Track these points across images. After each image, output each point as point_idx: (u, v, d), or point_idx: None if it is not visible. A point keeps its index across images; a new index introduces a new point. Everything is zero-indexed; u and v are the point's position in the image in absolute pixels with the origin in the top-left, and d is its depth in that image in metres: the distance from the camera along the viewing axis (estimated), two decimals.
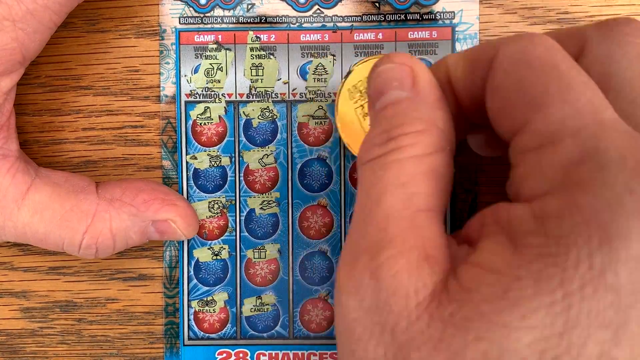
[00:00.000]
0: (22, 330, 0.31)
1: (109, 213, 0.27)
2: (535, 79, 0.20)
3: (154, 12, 0.29)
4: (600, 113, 0.19)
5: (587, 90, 0.19)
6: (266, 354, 0.30)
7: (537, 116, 0.20)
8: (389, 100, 0.23)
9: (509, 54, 0.21)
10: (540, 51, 0.20)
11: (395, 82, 0.23)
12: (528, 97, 0.20)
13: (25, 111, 0.30)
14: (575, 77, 0.20)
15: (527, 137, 0.20)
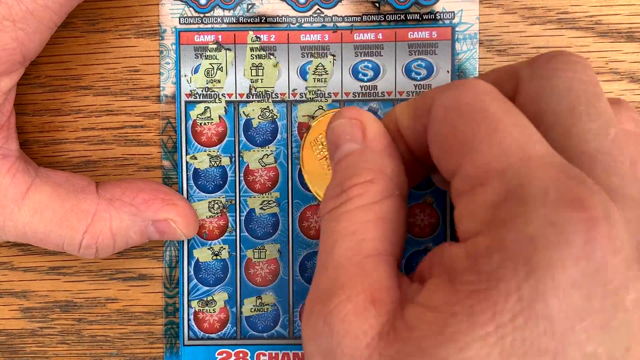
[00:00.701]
0: (22, 330, 0.31)
1: (109, 213, 0.27)
2: (465, 126, 0.21)
3: (154, 12, 0.29)
4: (527, 150, 0.20)
5: (514, 130, 0.20)
6: (266, 354, 0.30)
7: (467, 160, 0.21)
8: (343, 153, 0.25)
9: (442, 102, 0.22)
10: (470, 97, 0.21)
11: (347, 136, 0.25)
12: (459, 143, 0.21)
13: (25, 111, 0.30)
14: (502, 118, 0.21)
15: (459, 180, 0.21)
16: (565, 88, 0.22)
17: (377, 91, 0.29)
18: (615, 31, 0.29)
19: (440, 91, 0.23)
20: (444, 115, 0.22)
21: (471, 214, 0.20)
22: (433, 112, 0.22)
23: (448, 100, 0.22)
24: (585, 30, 0.29)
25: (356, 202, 0.23)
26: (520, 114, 0.21)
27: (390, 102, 0.29)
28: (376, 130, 0.25)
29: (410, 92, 0.29)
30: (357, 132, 0.25)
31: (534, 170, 0.19)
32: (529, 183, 0.19)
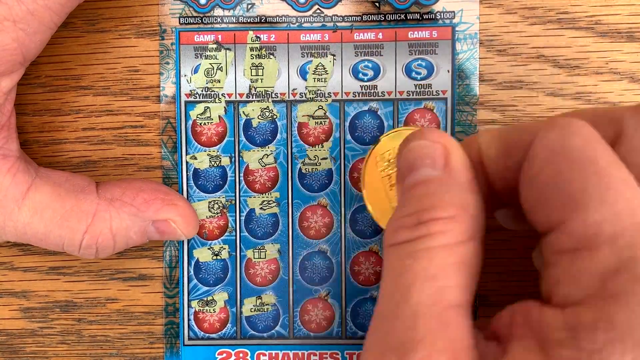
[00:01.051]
0: (22, 330, 0.31)
1: (109, 213, 0.27)
2: (573, 175, 0.19)
3: (154, 12, 0.29)
4: (637, 215, 0.19)
5: (626, 190, 0.19)
6: (266, 354, 0.30)
7: (574, 217, 0.19)
8: (420, 178, 0.22)
9: (546, 143, 0.20)
10: (578, 143, 0.20)
11: (428, 160, 0.22)
12: (565, 195, 0.19)
13: (25, 111, 0.30)
14: (614, 174, 0.19)
15: (562, 237, 0.19)
16: None
17: (377, 91, 0.29)
18: (615, 31, 0.29)
19: (542, 129, 0.21)
20: (548, 159, 0.20)
21: (575, 279, 0.19)
22: (534, 152, 0.21)
23: (554, 142, 0.20)
24: (585, 30, 0.29)
25: (438, 239, 0.21)
26: (625, 169, 0.20)
27: (390, 102, 0.29)
28: (461, 160, 0.22)
29: (410, 91, 0.29)
30: (439, 158, 0.22)
31: None
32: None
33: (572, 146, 0.20)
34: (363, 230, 0.30)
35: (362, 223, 0.30)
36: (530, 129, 0.21)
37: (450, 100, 0.29)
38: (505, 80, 0.29)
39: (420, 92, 0.29)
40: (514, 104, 0.29)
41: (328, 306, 0.30)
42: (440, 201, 0.21)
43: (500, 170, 0.22)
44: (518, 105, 0.29)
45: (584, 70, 0.29)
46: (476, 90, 0.29)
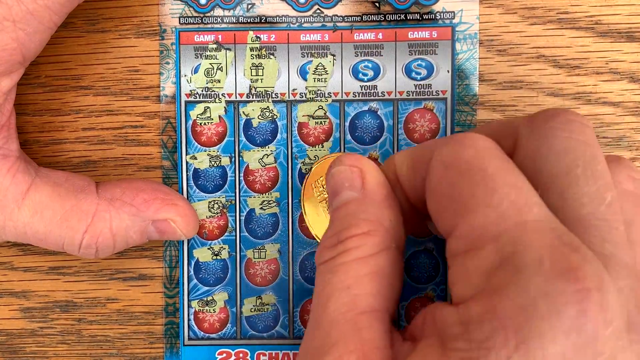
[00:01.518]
0: (22, 330, 0.31)
1: (109, 213, 0.27)
2: (464, 184, 0.21)
3: (154, 12, 0.29)
4: (523, 214, 0.20)
5: (511, 192, 0.20)
6: (266, 354, 0.30)
7: (463, 221, 0.21)
8: (341, 201, 0.24)
9: (440, 158, 0.22)
10: (469, 154, 0.21)
11: (347, 183, 0.25)
12: (456, 202, 0.21)
13: (25, 111, 0.30)
14: (501, 178, 0.21)
15: (454, 241, 0.21)
16: (563, 149, 0.22)
17: (377, 91, 0.29)
18: (615, 31, 0.29)
19: (440, 145, 0.23)
20: (442, 172, 0.22)
21: (465, 277, 0.21)
22: (431, 166, 0.22)
23: (447, 156, 0.22)
24: (585, 30, 0.29)
25: (352, 254, 0.23)
26: (519, 173, 0.21)
27: (390, 102, 0.29)
28: (376, 179, 0.25)
29: (410, 91, 0.29)
30: (356, 180, 0.25)
31: (529, 237, 0.19)
32: (523, 250, 0.19)
33: (463, 158, 0.22)
34: None
35: None
36: (431, 145, 0.23)
37: (450, 100, 0.29)
38: (505, 80, 0.29)
39: (420, 92, 0.29)
40: (514, 104, 0.29)
41: None
42: (356, 220, 0.24)
43: (412, 186, 0.24)
44: (518, 105, 0.29)
45: (584, 70, 0.29)
46: (476, 90, 0.29)
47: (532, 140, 0.22)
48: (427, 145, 0.24)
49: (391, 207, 0.24)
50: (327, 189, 0.26)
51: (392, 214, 0.24)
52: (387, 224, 0.24)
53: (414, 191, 0.24)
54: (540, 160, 0.22)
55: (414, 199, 0.25)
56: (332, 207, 0.25)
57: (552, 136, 0.22)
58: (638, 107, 0.29)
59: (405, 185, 0.25)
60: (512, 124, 0.24)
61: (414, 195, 0.24)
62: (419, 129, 0.30)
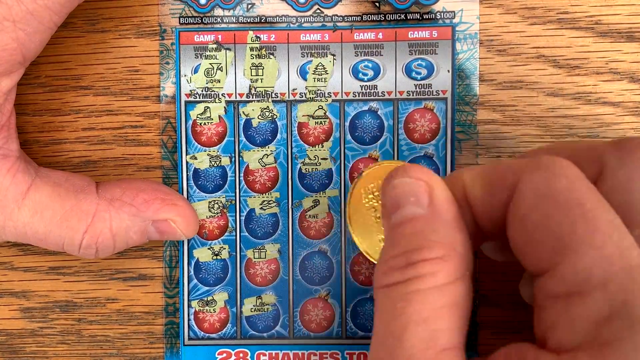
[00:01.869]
0: (22, 330, 0.31)
1: (109, 213, 0.27)
2: (561, 218, 0.20)
3: (154, 12, 0.29)
4: (628, 258, 0.19)
5: (614, 232, 0.19)
6: (266, 354, 0.30)
7: (564, 262, 0.19)
8: (406, 216, 0.22)
9: (531, 186, 0.21)
10: (564, 184, 0.20)
11: (412, 198, 0.23)
12: (554, 239, 0.20)
13: (25, 111, 0.30)
14: (601, 216, 0.19)
15: (554, 282, 0.20)
16: None
17: (377, 91, 0.29)
18: (615, 31, 0.29)
19: (527, 169, 0.21)
20: (535, 202, 0.20)
21: (569, 325, 0.19)
22: (520, 194, 0.21)
23: (539, 185, 0.20)
24: (585, 30, 0.29)
25: (428, 281, 0.21)
26: (611, 209, 0.20)
27: (390, 102, 0.29)
28: (444, 197, 0.23)
29: (410, 91, 0.29)
30: (423, 195, 0.23)
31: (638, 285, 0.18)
32: (634, 300, 0.18)
33: (558, 188, 0.20)
34: None
35: None
36: (513, 169, 0.22)
37: (450, 100, 0.29)
38: (505, 80, 0.29)
39: (420, 92, 0.29)
40: (514, 104, 0.29)
41: (328, 306, 0.30)
42: (427, 241, 0.22)
43: (486, 208, 0.23)
44: (518, 105, 0.29)
45: (584, 70, 0.29)
46: (476, 90, 0.29)
47: (621, 172, 0.21)
48: (507, 166, 0.22)
49: (462, 229, 0.22)
50: (385, 200, 0.24)
51: (464, 237, 0.22)
52: (460, 249, 0.22)
53: (486, 214, 0.23)
54: (631, 195, 0.21)
55: (485, 222, 0.23)
56: (393, 221, 0.23)
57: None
58: (638, 107, 0.29)
59: (476, 207, 0.23)
60: (595, 149, 0.22)
61: (486, 219, 0.23)
62: (419, 128, 0.30)
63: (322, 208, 0.30)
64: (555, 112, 0.29)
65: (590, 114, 0.29)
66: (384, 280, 0.22)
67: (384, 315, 0.22)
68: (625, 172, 0.21)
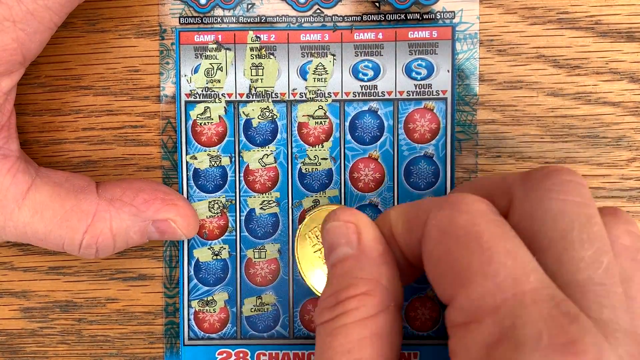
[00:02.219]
0: (22, 330, 0.31)
1: (109, 213, 0.27)
2: (460, 252, 0.21)
3: (154, 12, 0.29)
4: (520, 284, 0.20)
5: (508, 260, 0.20)
6: (266, 354, 0.30)
7: (461, 292, 0.21)
8: (338, 258, 0.24)
9: (435, 223, 0.22)
10: (464, 220, 0.21)
11: (343, 239, 0.25)
12: (454, 271, 0.21)
13: (25, 111, 0.30)
14: (497, 245, 0.20)
15: (453, 312, 0.21)
16: (559, 211, 0.21)
17: (377, 91, 0.29)
18: (615, 31, 0.29)
19: (435, 207, 0.22)
20: (438, 238, 0.22)
21: (465, 351, 0.20)
22: (427, 231, 0.22)
23: (442, 222, 0.22)
24: (585, 30, 0.29)
25: (352, 316, 0.23)
26: (514, 237, 0.21)
27: (390, 102, 0.29)
28: (372, 235, 0.25)
29: (410, 91, 0.29)
30: (352, 236, 0.25)
31: (528, 309, 0.19)
32: (522, 324, 0.19)
33: (459, 224, 0.21)
34: None
35: None
36: (426, 207, 0.23)
37: (450, 100, 0.29)
38: (505, 80, 0.29)
39: (420, 92, 0.29)
40: (514, 104, 0.29)
41: None
42: (354, 279, 0.24)
43: (408, 245, 0.24)
44: (518, 105, 0.29)
45: (584, 70, 0.29)
46: (476, 90, 0.29)
47: (527, 202, 0.22)
48: (423, 204, 0.24)
49: (388, 263, 0.24)
50: (323, 243, 0.26)
51: (389, 271, 0.24)
52: (385, 282, 0.24)
53: (410, 250, 0.24)
54: (536, 223, 0.22)
55: (411, 256, 0.24)
56: (329, 263, 0.25)
57: (548, 198, 0.22)
58: (638, 107, 0.29)
59: (401, 243, 0.25)
60: (506, 181, 0.24)
61: (411, 253, 0.24)
62: (419, 128, 0.30)
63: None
64: (555, 112, 0.29)
65: (590, 114, 0.29)
66: (318, 319, 0.24)
67: (317, 350, 0.24)
68: (530, 202, 0.22)
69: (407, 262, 0.25)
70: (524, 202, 0.22)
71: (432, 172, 0.30)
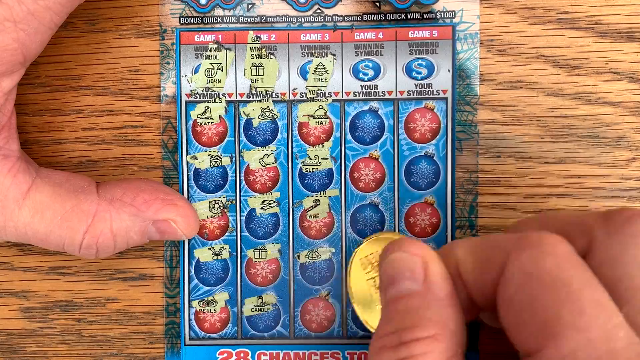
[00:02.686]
0: (22, 330, 0.31)
1: (109, 213, 0.27)
2: (547, 300, 0.20)
3: (154, 12, 0.29)
4: (612, 341, 0.19)
5: (600, 314, 0.19)
6: (267, 354, 0.30)
7: (549, 345, 0.19)
8: (401, 292, 0.23)
9: (519, 266, 0.21)
10: (551, 264, 0.20)
11: (407, 273, 0.23)
12: (540, 321, 0.20)
13: (26, 111, 0.30)
14: (587, 296, 0.20)
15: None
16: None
17: (378, 90, 0.29)
18: (615, 31, 0.29)
19: (515, 247, 0.21)
20: (522, 283, 0.20)
21: None
22: (509, 274, 0.21)
23: (527, 266, 0.21)
24: (585, 30, 0.29)
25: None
26: (599, 284, 0.20)
27: (390, 102, 0.29)
28: (439, 273, 0.23)
29: (410, 91, 0.29)
30: (418, 271, 0.23)
31: None
32: None
33: (545, 268, 0.20)
34: (364, 230, 0.30)
35: (363, 223, 0.30)
36: (503, 245, 0.22)
37: (451, 100, 0.29)
38: (505, 80, 0.29)
39: (420, 91, 0.29)
40: (514, 104, 0.29)
41: (329, 306, 0.30)
42: (420, 319, 0.22)
43: (478, 284, 0.23)
44: (518, 105, 0.29)
45: (584, 70, 0.29)
46: (476, 90, 0.29)
47: (611, 247, 0.21)
48: (499, 242, 0.22)
49: (455, 305, 0.23)
50: (382, 274, 0.24)
51: (456, 313, 0.22)
52: (453, 326, 0.22)
53: (479, 290, 0.23)
54: (619, 270, 0.21)
55: (479, 297, 0.23)
56: (388, 296, 0.23)
57: (634, 245, 0.21)
58: (638, 107, 0.29)
59: (469, 283, 0.23)
60: (585, 221, 0.23)
61: (480, 294, 0.23)
62: (420, 128, 0.30)
63: (323, 208, 0.30)
64: (555, 112, 0.29)
65: (590, 114, 0.29)
66: (377, 357, 0.22)
67: None
68: (613, 247, 0.21)
69: (470, 302, 0.23)
70: (607, 246, 0.21)
71: (432, 171, 0.30)
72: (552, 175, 0.29)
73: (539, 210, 0.29)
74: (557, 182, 0.29)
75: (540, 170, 0.29)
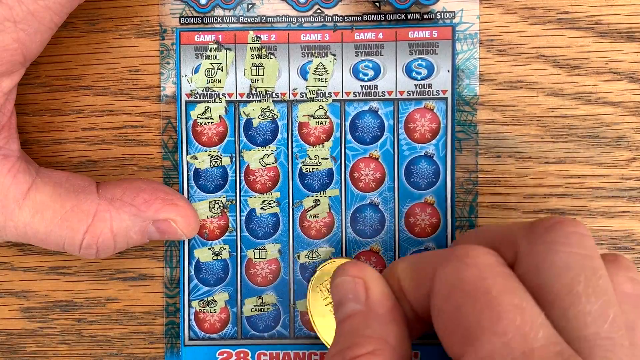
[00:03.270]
0: (22, 330, 0.31)
1: (109, 213, 0.27)
2: (468, 308, 0.21)
3: (154, 12, 0.29)
4: (529, 341, 0.20)
5: (517, 316, 0.20)
6: (267, 354, 0.30)
7: (470, 350, 0.20)
8: (345, 314, 0.24)
9: (444, 278, 0.22)
10: (472, 274, 0.21)
11: (350, 295, 0.25)
12: (463, 328, 0.21)
13: (26, 111, 0.30)
14: (506, 301, 0.20)
15: None
16: (564, 265, 0.21)
17: (378, 91, 0.29)
18: (615, 31, 0.29)
19: (442, 260, 0.22)
20: (446, 293, 0.22)
21: None
22: (436, 286, 0.22)
23: (450, 277, 0.22)
24: (585, 30, 0.29)
25: None
26: (522, 291, 0.21)
27: (390, 102, 0.29)
28: (380, 291, 0.25)
29: (410, 91, 0.29)
30: (360, 292, 0.25)
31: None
32: None
33: (466, 278, 0.21)
34: (364, 229, 0.30)
35: (363, 223, 0.30)
36: (434, 260, 0.23)
37: (451, 100, 0.29)
38: (505, 80, 0.29)
39: (420, 91, 0.29)
40: (514, 104, 0.29)
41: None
42: (360, 337, 0.23)
43: (417, 299, 0.24)
44: (518, 105, 0.29)
45: (584, 70, 0.29)
46: (476, 90, 0.29)
47: (532, 256, 0.22)
48: (429, 257, 0.24)
49: (396, 320, 0.24)
50: (332, 298, 0.25)
51: (397, 328, 0.24)
52: (393, 341, 0.23)
53: (419, 304, 0.24)
54: (542, 276, 0.21)
55: (420, 310, 0.24)
56: (337, 319, 0.25)
57: (553, 251, 0.22)
58: (638, 107, 0.29)
59: (410, 298, 0.24)
60: (511, 231, 0.24)
61: (420, 308, 0.24)
62: (420, 128, 0.30)
63: (323, 208, 0.30)
64: (555, 112, 0.29)
65: (590, 114, 0.29)
66: None
67: None
68: (535, 256, 0.22)
69: (417, 316, 0.25)
70: (529, 255, 0.22)
71: (432, 171, 0.30)
72: (552, 175, 0.29)
73: (539, 210, 0.29)
74: (557, 182, 0.29)
75: (540, 170, 0.29)
